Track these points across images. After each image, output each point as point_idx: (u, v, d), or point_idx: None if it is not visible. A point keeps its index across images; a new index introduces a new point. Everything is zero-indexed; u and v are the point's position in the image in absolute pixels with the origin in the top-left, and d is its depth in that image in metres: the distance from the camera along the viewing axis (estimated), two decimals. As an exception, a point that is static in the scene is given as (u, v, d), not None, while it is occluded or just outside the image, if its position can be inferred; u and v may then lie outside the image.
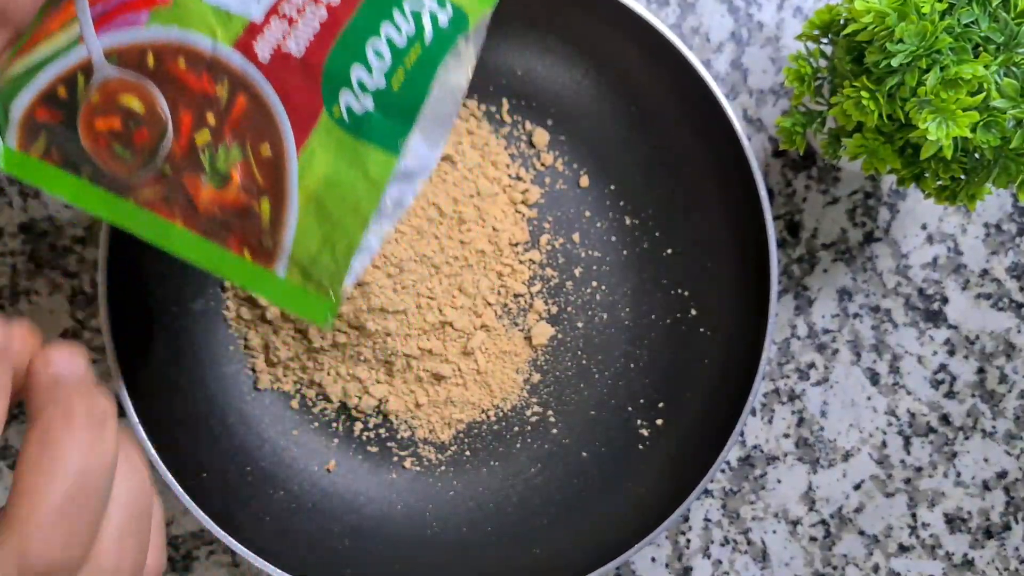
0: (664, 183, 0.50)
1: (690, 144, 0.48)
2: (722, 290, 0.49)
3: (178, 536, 0.51)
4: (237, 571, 0.51)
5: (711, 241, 0.49)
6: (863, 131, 0.41)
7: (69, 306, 0.50)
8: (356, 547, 0.48)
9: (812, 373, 0.52)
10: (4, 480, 0.50)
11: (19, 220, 0.50)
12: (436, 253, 0.48)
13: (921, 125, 0.37)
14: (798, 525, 0.53)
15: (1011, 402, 0.53)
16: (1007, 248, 0.52)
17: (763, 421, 0.52)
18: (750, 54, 0.51)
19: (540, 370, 0.51)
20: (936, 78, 0.37)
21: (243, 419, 0.49)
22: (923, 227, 0.52)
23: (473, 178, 0.50)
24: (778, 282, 0.47)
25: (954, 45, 0.37)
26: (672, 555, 0.53)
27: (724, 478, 0.52)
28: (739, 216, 0.47)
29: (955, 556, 0.53)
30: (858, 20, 0.38)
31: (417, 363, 0.49)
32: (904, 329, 0.52)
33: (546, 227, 0.51)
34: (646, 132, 0.50)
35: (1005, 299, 0.53)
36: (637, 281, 0.51)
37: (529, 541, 0.49)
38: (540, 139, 0.51)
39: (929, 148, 0.38)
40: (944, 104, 0.37)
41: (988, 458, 0.53)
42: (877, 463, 0.53)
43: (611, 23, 0.47)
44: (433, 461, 0.51)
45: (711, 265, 0.49)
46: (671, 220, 0.50)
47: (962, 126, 0.37)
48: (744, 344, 0.47)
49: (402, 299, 0.48)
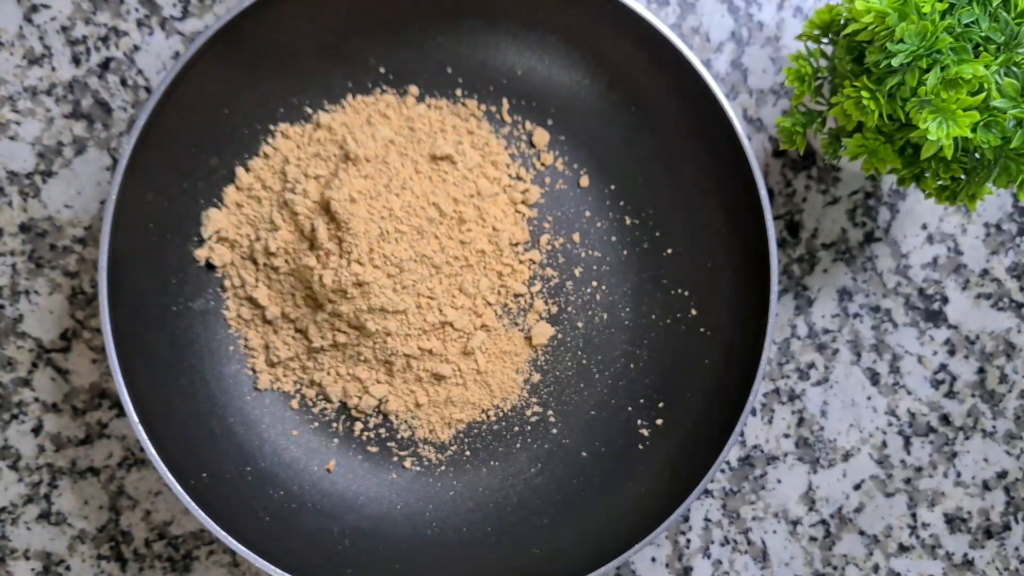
0: (664, 183, 0.50)
1: (690, 144, 0.48)
2: (722, 290, 0.49)
3: (178, 536, 0.51)
4: (237, 571, 0.51)
5: (711, 241, 0.49)
6: (863, 131, 0.41)
7: (69, 306, 0.50)
8: (356, 547, 0.48)
9: (812, 373, 0.52)
10: (4, 480, 0.50)
11: (19, 220, 0.50)
12: (436, 253, 0.48)
13: (921, 125, 0.37)
14: (798, 525, 0.53)
15: (1011, 402, 0.53)
16: (1007, 248, 0.53)
17: (763, 421, 0.52)
18: (750, 54, 0.51)
19: (540, 370, 0.51)
20: (936, 78, 0.37)
21: (243, 419, 0.49)
22: (923, 227, 0.52)
23: (473, 178, 0.50)
24: (778, 282, 0.47)
25: (954, 45, 0.37)
26: (672, 555, 0.53)
27: (724, 478, 0.52)
28: (739, 216, 0.47)
29: (955, 556, 0.53)
30: (859, 20, 0.38)
31: (417, 363, 0.49)
32: (904, 329, 0.52)
33: (546, 227, 0.51)
34: (646, 132, 0.50)
35: (1005, 299, 0.53)
36: (637, 281, 0.51)
37: (529, 541, 0.49)
38: (540, 139, 0.51)
39: (929, 148, 0.38)
40: (944, 104, 0.37)
41: (988, 458, 0.53)
42: (877, 463, 0.53)
43: (611, 23, 0.47)
44: (433, 461, 0.51)
45: (711, 265, 0.49)
46: (671, 220, 0.50)
47: (962, 126, 0.37)
48: (744, 344, 0.47)
49: (402, 299, 0.48)
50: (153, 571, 0.51)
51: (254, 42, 0.45)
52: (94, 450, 0.51)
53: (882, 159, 0.41)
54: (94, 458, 0.51)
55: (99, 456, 0.51)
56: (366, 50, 0.49)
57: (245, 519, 0.47)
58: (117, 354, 0.45)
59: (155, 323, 0.47)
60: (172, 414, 0.47)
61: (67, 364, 0.50)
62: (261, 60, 0.46)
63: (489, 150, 0.51)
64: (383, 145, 0.48)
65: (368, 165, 0.47)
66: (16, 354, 0.50)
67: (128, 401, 0.44)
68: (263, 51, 0.46)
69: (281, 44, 0.47)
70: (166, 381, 0.47)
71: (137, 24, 0.49)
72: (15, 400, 0.50)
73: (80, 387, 0.51)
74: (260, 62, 0.47)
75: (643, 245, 0.51)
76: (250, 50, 0.45)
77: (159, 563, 0.51)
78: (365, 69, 0.50)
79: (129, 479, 0.51)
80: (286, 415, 0.50)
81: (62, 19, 0.49)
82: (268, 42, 0.46)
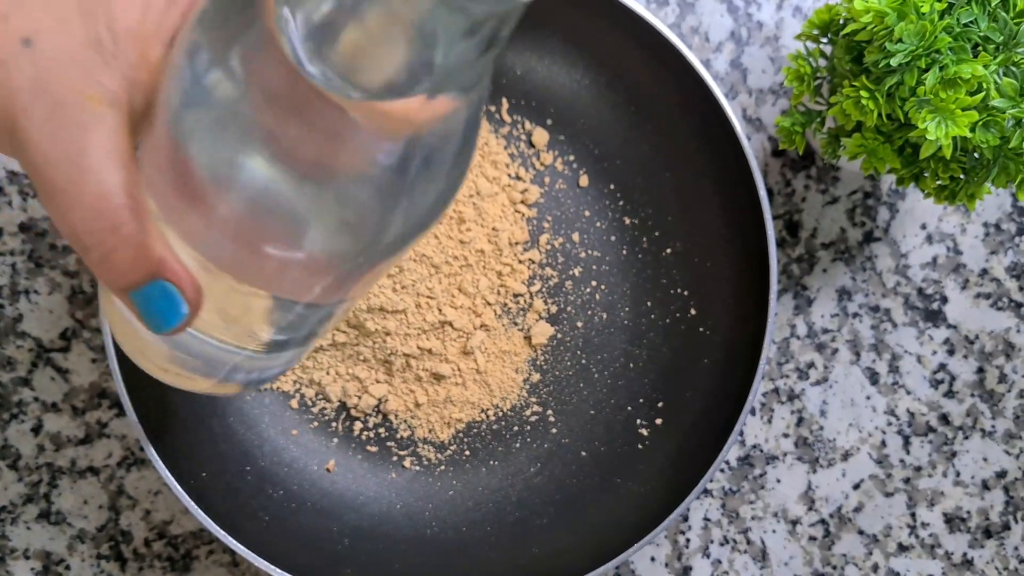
0: (664, 183, 0.50)
1: (690, 144, 0.48)
2: (722, 290, 0.49)
3: (178, 536, 0.51)
4: (237, 571, 0.52)
5: (711, 241, 0.49)
6: (862, 131, 0.41)
7: (69, 306, 0.50)
8: (356, 547, 0.48)
9: (812, 373, 0.52)
10: (3, 479, 0.50)
11: (19, 220, 0.50)
12: (436, 253, 0.48)
13: (920, 125, 0.37)
14: (797, 525, 0.53)
15: (1010, 402, 0.53)
16: (1007, 248, 0.53)
17: (763, 421, 0.52)
18: (749, 54, 0.51)
19: (540, 370, 0.51)
20: (935, 78, 0.37)
21: (243, 419, 0.49)
22: (922, 227, 0.52)
23: (473, 177, 0.50)
24: (777, 282, 0.47)
25: (953, 45, 0.37)
26: (672, 555, 0.53)
27: (723, 478, 0.52)
28: (738, 216, 0.47)
29: (954, 556, 0.53)
30: (857, 20, 0.38)
31: (417, 363, 0.49)
32: (904, 329, 0.53)
33: (545, 227, 0.51)
34: (646, 132, 0.50)
35: (1005, 299, 0.53)
36: (636, 281, 0.51)
37: (529, 541, 0.49)
38: (540, 139, 0.51)
39: (928, 148, 0.38)
40: (943, 104, 0.37)
41: (987, 458, 0.53)
42: (876, 463, 0.53)
43: (611, 23, 0.47)
44: (432, 461, 0.51)
45: (711, 265, 0.49)
46: (671, 220, 0.50)
47: (961, 126, 0.37)
48: (744, 344, 0.47)
49: (402, 299, 0.48)
50: (153, 571, 0.51)
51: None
52: (94, 450, 0.51)
53: (881, 159, 0.41)
54: (94, 458, 0.51)
55: (99, 456, 0.51)
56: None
57: (245, 519, 0.47)
58: (116, 354, 0.45)
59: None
60: (172, 414, 0.47)
61: (67, 364, 0.50)
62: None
63: (488, 150, 0.51)
64: None
65: None
66: (16, 354, 0.50)
67: (128, 401, 0.44)
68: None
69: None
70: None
71: (137, 24, 0.49)
72: (15, 400, 0.50)
73: (80, 387, 0.51)
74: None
75: (642, 245, 0.51)
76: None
77: (159, 563, 0.51)
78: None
79: (129, 479, 0.51)
80: (285, 415, 0.50)
81: (62, 19, 0.49)
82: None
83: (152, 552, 0.51)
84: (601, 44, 0.49)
